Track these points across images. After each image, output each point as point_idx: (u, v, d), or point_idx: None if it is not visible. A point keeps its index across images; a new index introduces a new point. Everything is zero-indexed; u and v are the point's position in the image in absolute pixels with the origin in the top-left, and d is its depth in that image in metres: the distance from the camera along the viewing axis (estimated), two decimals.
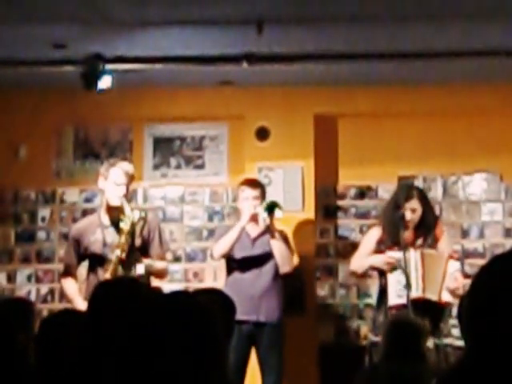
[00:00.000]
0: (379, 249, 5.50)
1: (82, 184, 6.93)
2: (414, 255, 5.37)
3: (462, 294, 4.93)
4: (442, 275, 5.35)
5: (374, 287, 6.66)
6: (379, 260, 5.45)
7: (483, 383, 1.57)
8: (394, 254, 5.36)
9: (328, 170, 6.87)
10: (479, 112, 6.76)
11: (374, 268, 5.58)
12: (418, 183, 6.71)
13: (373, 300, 6.63)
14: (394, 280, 5.36)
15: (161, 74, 6.14)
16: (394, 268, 5.34)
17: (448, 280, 5.34)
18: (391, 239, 5.43)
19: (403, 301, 5.23)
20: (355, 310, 6.85)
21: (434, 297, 5.33)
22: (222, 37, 5.40)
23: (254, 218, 5.61)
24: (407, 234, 5.45)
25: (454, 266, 5.42)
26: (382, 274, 5.50)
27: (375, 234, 5.60)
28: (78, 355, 2.28)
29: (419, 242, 5.47)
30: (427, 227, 5.49)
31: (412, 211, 5.42)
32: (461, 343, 4.79)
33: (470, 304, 1.62)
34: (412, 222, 5.44)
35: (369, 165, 6.85)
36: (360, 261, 5.59)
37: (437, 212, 6.56)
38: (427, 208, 5.52)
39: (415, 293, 5.30)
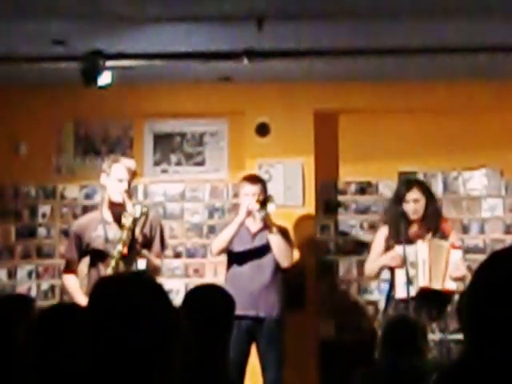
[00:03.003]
0: (388, 246, 5.52)
1: (82, 180, 6.93)
2: (421, 247, 5.38)
3: (462, 290, 4.94)
4: (444, 264, 5.37)
5: (374, 283, 6.68)
6: (387, 257, 5.46)
7: (483, 378, 1.57)
8: (401, 249, 5.36)
9: (328, 165, 6.87)
10: (479, 108, 6.76)
11: (386, 267, 5.59)
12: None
13: (373, 296, 6.66)
14: (401, 273, 5.36)
15: (161, 70, 6.14)
16: (404, 263, 5.33)
17: (451, 268, 5.36)
18: (395, 235, 5.43)
19: (410, 293, 5.26)
20: (356, 306, 6.85)
21: (438, 286, 5.35)
22: (222, 33, 5.39)
23: (251, 214, 5.62)
24: (414, 229, 5.47)
25: (455, 254, 5.44)
26: (392, 269, 5.51)
27: (382, 233, 5.61)
28: (76, 351, 2.28)
29: (428, 236, 5.47)
30: (432, 218, 5.49)
31: (415, 202, 5.43)
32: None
33: (470, 299, 1.63)
34: (416, 214, 5.44)
35: (369, 161, 6.85)
36: (371, 264, 5.61)
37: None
38: (430, 198, 5.52)
39: (422, 282, 5.32)
